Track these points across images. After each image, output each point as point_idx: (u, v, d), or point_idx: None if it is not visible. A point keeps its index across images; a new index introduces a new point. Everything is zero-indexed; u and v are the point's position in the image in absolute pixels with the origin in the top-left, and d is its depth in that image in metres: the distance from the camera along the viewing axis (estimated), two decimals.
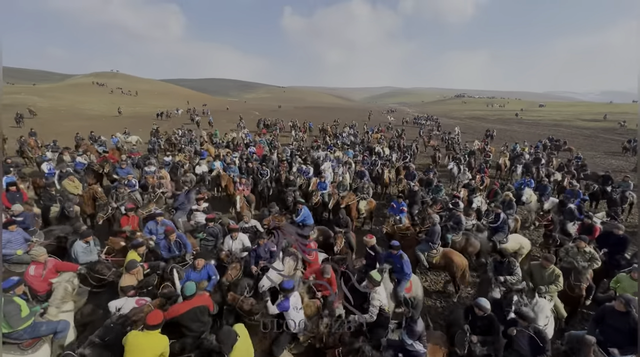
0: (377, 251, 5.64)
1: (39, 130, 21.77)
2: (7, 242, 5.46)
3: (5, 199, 7.52)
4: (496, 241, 6.90)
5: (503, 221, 7.09)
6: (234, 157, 13.91)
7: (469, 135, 30.13)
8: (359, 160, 14.31)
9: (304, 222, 7.25)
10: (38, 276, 4.67)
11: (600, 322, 4.18)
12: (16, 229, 5.71)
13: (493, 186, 10.19)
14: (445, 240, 6.89)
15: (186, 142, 19.24)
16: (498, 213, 7.21)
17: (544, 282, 4.97)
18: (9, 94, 47.49)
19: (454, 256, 6.30)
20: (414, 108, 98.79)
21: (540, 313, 4.23)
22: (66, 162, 12.47)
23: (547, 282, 4.93)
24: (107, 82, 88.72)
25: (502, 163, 15.49)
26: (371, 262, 5.61)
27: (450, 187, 13.43)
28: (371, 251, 5.64)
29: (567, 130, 36.01)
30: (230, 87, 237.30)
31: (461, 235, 7.12)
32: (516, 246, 6.96)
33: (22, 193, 8.04)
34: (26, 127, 24.25)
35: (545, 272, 5.00)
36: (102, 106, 47.93)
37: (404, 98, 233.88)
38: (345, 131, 26.56)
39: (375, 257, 5.59)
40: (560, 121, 46.26)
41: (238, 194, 8.91)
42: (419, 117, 47.51)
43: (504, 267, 5.28)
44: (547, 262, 5.02)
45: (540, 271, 5.09)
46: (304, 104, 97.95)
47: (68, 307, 4.40)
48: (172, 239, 5.64)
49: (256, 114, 45.67)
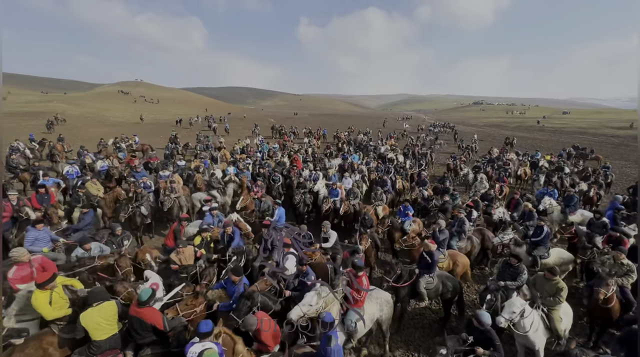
0: (433, 256, 5.59)
1: (67, 136, 22.99)
2: (35, 240, 5.80)
3: (35, 200, 7.98)
4: (537, 255, 6.60)
5: (546, 235, 6.69)
6: (247, 163, 14.17)
7: (487, 143, 29.31)
8: (372, 168, 14.18)
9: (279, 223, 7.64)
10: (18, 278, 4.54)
11: (626, 345, 3.89)
12: (43, 228, 6.03)
13: (514, 195, 9.78)
14: (450, 247, 6.94)
15: (202, 148, 19.74)
16: (541, 226, 6.82)
17: (544, 293, 4.87)
18: (42, 102, 50.69)
19: (458, 257, 6.51)
20: (430, 115, 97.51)
21: (507, 307, 4.35)
22: (89, 165, 13.08)
23: (548, 294, 4.80)
24: (131, 91, 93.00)
25: (522, 172, 14.87)
26: (425, 267, 5.61)
27: (466, 195, 13.04)
28: (428, 256, 5.61)
29: (594, 139, 34.36)
30: (247, 95, 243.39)
31: (466, 240, 7.25)
32: (558, 261, 6.60)
33: (50, 195, 8.42)
34: (56, 133, 25.67)
35: (547, 285, 4.87)
36: (126, 113, 50.13)
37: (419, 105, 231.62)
38: (359, 138, 26.52)
39: (432, 263, 5.53)
40: (586, 129, 44.26)
41: (244, 194, 9.51)
42: (434, 125, 46.77)
43: (510, 271, 5.30)
44: (550, 275, 4.84)
45: (542, 282, 4.96)
46: (318, 111, 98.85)
47: (28, 317, 4.19)
48: (228, 232, 6.48)
49: (271, 121, 46.44)
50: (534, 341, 4.44)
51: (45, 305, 3.92)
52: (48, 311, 3.93)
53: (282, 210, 8.25)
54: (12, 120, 32.87)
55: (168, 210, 9.08)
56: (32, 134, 21.85)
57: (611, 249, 5.92)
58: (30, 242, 5.71)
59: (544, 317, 4.64)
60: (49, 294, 3.99)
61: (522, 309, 4.34)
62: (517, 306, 4.34)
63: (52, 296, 4.01)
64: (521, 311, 4.33)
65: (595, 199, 11.06)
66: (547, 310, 4.70)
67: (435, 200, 9.89)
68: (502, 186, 11.64)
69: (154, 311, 3.93)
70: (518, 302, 4.39)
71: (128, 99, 77.01)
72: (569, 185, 11.91)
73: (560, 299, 4.68)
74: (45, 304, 3.92)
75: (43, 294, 3.96)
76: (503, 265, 5.53)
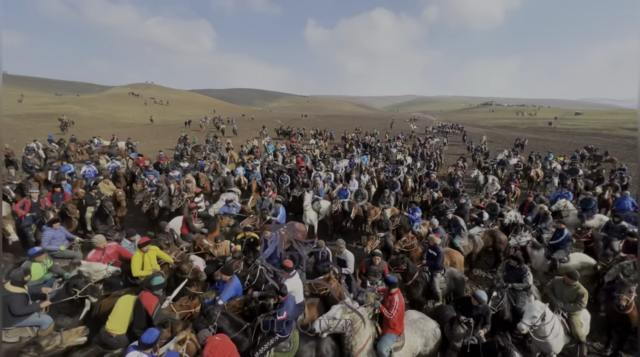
0: (439, 251, 5.65)
1: (80, 137, 23.51)
2: (52, 239, 5.99)
3: (50, 199, 8.23)
4: (556, 259, 6.39)
5: (567, 238, 6.44)
6: (256, 164, 14.26)
7: (497, 145, 28.87)
8: (379, 169, 14.08)
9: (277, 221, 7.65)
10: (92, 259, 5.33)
11: None
12: (59, 227, 6.21)
13: (527, 198, 9.57)
14: (453, 245, 6.98)
15: (211, 148, 19.93)
16: (561, 229, 6.58)
17: (563, 299, 4.73)
18: (56, 104, 51.98)
19: (454, 254, 6.56)
20: (438, 116, 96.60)
21: (527, 312, 4.27)
22: (102, 165, 13.37)
23: (568, 300, 4.66)
24: (141, 93, 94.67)
25: (534, 174, 14.54)
26: (433, 261, 5.64)
27: (477, 197, 12.85)
28: (433, 251, 5.68)
29: (608, 140, 33.48)
30: (254, 96, 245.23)
31: (467, 238, 7.18)
32: (580, 266, 6.34)
33: (65, 194, 8.70)
34: (69, 134, 26.30)
35: (567, 290, 4.72)
36: (136, 115, 51.05)
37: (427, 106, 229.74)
38: (366, 139, 26.43)
39: (437, 256, 5.59)
40: (600, 130, 43.15)
41: (253, 194, 9.75)
42: (443, 126, 46.29)
43: (514, 272, 5.21)
44: (570, 280, 4.69)
45: (562, 287, 4.81)
46: (325, 112, 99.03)
47: None
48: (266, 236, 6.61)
49: (279, 123, 46.63)
50: (553, 346, 4.31)
51: (138, 263, 4.98)
52: (136, 269, 4.96)
53: (282, 209, 8.30)
54: (28, 121, 33.82)
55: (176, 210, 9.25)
56: (51, 135, 22.49)
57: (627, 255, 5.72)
58: (48, 241, 5.87)
59: (564, 322, 4.51)
60: (142, 256, 5.04)
61: (543, 312, 4.21)
62: (537, 309, 4.20)
63: (144, 258, 5.04)
64: (542, 314, 4.19)
65: (611, 202, 10.75)
66: (568, 315, 4.57)
67: (445, 202, 9.75)
68: (514, 187, 11.43)
69: (152, 297, 4.07)
70: (538, 306, 4.24)
71: (138, 101, 78.42)
72: (583, 187, 11.63)
73: (582, 305, 4.54)
74: (138, 263, 4.98)
75: (139, 255, 5.06)
76: (506, 267, 5.49)
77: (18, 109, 42.69)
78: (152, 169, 11.96)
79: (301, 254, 5.69)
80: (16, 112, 39.22)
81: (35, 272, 4.81)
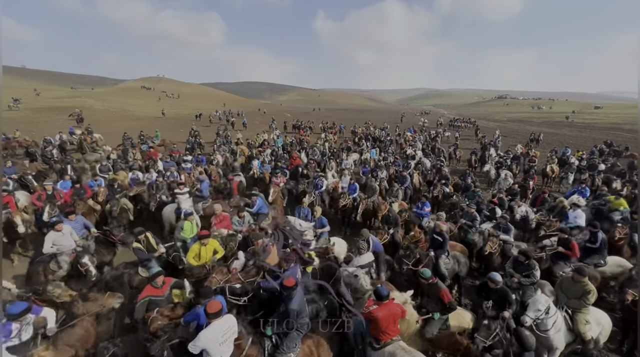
0: (445, 237, 5.87)
1: (94, 130, 24.11)
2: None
3: (68, 194, 8.48)
4: (591, 264, 5.94)
5: (602, 242, 5.99)
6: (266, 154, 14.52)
7: (511, 139, 28.12)
8: (390, 163, 13.94)
9: (260, 212, 7.68)
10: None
11: None
12: (75, 218, 6.29)
13: (541, 193, 9.33)
14: (467, 240, 7.07)
15: (221, 142, 20.13)
16: (596, 233, 6.08)
17: (569, 295, 4.62)
18: (71, 98, 53.25)
19: (456, 247, 6.61)
20: (450, 110, 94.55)
21: (532, 305, 4.26)
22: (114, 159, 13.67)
23: (573, 296, 4.56)
24: (153, 86, 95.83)
25: (549, 170, 14.08)
26: (438, 247, 5.86)
27: (489, 192, 12.60)
28: (439, 237, 5.88)
29: (629, 135, 32.14)
30: (263, 89, 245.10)
31: (478, 234, 7.01)
32: (617, 270, 5.98)
33: (86, 189, 8.74)
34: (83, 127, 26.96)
35: (574, 286, 4.60)
36: (148, 108, 51.84)
37: (439, 100, 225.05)
38: (376, 133, 26.16)
39: (444, 242, 5.81)
40: (621, 124, 41.44)
41: (273, 187, 9.49)
42: (455, 119, 45.32)
43: (522, 267, 5.15)
44: (578, 276, 4.54)
45: (569, 284, 4.69)
46: (335, 106, 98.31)
47: None
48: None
49: (289, 116, 46.58)
50: (554, 341, 4.23)
51: (193, 253, 5.37)
52: (190, 257, 5.37)
53: (260, 200, 7.94)
54: (45, 115, 34.81)
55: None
56: (72, 127, 23.19)
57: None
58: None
59: (567, 319, 4.44)
60: (199, 247, 5.36)
61: (547, 306, 4.17)
62: (542, 303, 4.17)
63: (201, 249, 5.34)
64: (546, 308, 4.15)
65: (630, 198, 10.38)
66: (572, 312, 4.48)
67: (456, 196, 9.62)
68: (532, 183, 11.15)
69: (148, 290, 4.29)
70: (542, 299, 4.22)
71: (150, 94, 79.46)
72: (602, 182, 11.24)
73: (587, 301, 4.43)
74: (193, 253, 5.37)
75: (197, 245, 5.41)
76: (514, 262, 5.38)
77: (36, 103, 44.01)
78: (170, 160, 12.43)
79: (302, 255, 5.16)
80: (34, 106, 40.44)
81: (186, 228, 6.28)
